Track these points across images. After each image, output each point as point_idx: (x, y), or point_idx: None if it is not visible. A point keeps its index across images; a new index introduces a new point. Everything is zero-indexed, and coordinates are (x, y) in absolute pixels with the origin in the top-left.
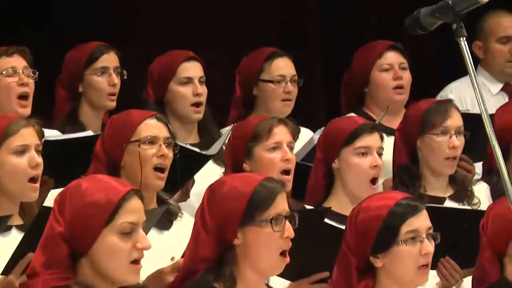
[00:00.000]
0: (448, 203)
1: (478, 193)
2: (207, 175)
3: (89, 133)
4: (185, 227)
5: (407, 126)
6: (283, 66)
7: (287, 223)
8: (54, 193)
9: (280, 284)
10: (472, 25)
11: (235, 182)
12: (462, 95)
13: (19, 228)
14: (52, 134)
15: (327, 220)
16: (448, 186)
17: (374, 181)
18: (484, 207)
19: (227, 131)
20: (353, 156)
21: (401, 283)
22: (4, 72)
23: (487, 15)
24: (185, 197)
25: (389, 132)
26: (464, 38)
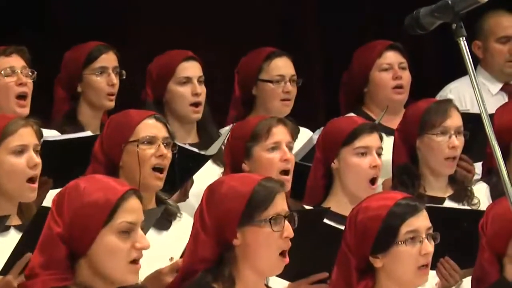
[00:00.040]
0: (448, 203)
1: (477, 193)
2: (206, 175)
3: (88, 133)
4: (184, 227)
5: (407, 126)
6: (282, 66)
7: (286, 223)
8: (53, 193)
9: (279, 284)
10: (472, 25)
11: (234, 182)
12: (462, 95)
13: (18, 228)
14: (50, 134)
15: (326, 221)
16: (448, 186)
17: (373, 181)
18: (484, 207)
19: (226, 131)
20: (352, 156)
21: (401, 283)
22: (2, 72)
23: (486, 15)
24: (184, 197)
25: (388, 132)
26: (464, 38)
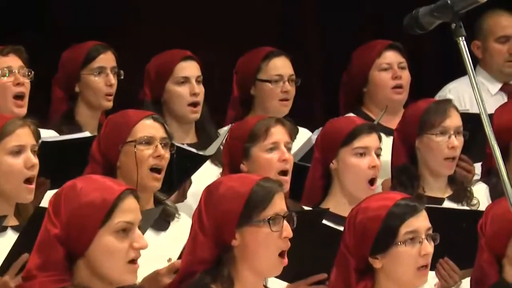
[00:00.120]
0: (447, 204)
1: (477, 194)
2: (204, 176)
3: (86, 134)
4: (182, 228)
5: (406, 126)
6: (281, 66)
7: (285, 223)
8: (50, 194)
9: (278, 285)
10: (471, 24)
11: (232, 182)
12: (461, 95)
13: (15, 228)
14: (48, 134)
15: (325, 221)
16: (447, 187)
17: (372, 181)
18: (483, 207)
19: (224, 132)
20: (351, 156)
21: (400, 284)
22: None
23: (486, 15)
24: (182, 197)
25: (388, 132)
26: (463, 38)
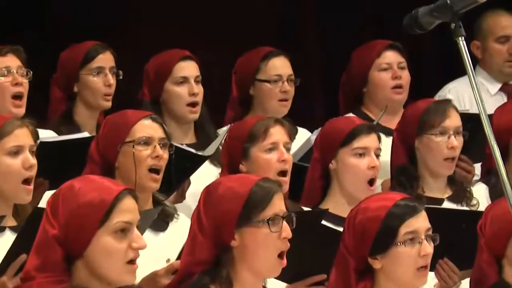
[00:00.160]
0: (447, 204)
1: (476, 194)
2: (203, 176)
3: (85, 134)
4: (181, 228)
5: (405, 126)
6: (280, 66)
7: (284, 223)
8: (49, 194)
9: (277, 286)
10: (471, 24)
11: (231, 183)
12: (460, 95)
13: (13, 229)
14: (46, 134)
15: (324, 222)
16: (447, 187)
17: (371, 182)
18: (483, 208)
19: (223, 132)
20: (350, 157)
21: (400, 284)
22: None
23: (485, 15)
24: (181, 198)
25: (387, 132)
26: (463, 38)
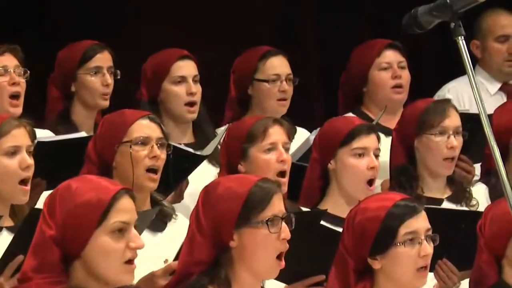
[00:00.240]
0: (446, 205)
1: (476, 194)
2: (201, 176)
3: (82, 134)
4: (179, 228)
5: (404, 126)
6: (278, 65)
7: (283, 224)
8: (46, 195)
9: (276, 287)
10: (470, 24)
11: (230, 183)
12: (460, 94)
13: (10, 229)
14: (44, 134)
15: (323, 222)
16: (446, 187)
17: (370, 182)
18: (483, 208)
19: (222, 131)
20: (349, 157)
21: (400, 285)
22: None
23: (485, 14)
24: (179, 198)
25: (387, 132)
26: (462, 37)
